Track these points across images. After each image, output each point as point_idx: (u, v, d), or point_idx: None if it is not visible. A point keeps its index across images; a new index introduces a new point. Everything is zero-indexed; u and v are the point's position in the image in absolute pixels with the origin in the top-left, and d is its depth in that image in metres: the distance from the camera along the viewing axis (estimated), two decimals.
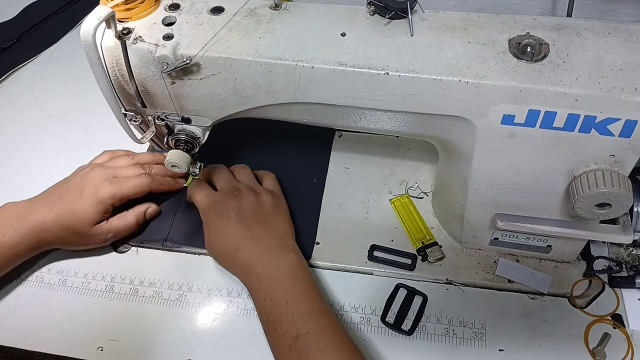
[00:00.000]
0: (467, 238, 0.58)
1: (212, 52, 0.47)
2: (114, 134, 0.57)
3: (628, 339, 0.53)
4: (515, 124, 0.44)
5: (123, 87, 0.50)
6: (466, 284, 0.58)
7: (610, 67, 0.42)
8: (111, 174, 0.58)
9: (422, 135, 0.52)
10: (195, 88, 0.50)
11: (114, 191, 0.57)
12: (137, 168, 0.61)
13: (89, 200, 0.56)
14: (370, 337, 0.54)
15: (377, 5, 0.47)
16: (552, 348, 0.53)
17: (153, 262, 0.60)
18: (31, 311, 0.57)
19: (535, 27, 0.46)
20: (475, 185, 0.51)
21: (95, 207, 0.56)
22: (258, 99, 0.50)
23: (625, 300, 0.56)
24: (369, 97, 0.47)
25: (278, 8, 0.50)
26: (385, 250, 0.60)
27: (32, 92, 0.80)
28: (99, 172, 0.58)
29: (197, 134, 0.55)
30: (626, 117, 0.42)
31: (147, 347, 0.54)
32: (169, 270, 0.59)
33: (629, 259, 0.58)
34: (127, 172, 0.60)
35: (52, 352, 0.54)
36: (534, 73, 0.43)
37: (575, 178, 0.46)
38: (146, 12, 0.49)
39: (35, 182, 0.65)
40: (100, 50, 0.47)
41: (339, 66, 0.45)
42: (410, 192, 0.65)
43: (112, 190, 0.57)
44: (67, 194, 0.56)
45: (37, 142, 0.73)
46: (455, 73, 0.44)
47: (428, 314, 0.56)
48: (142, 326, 0.55)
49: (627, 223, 0.52)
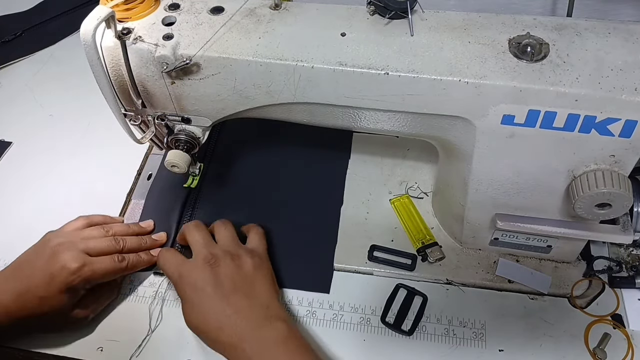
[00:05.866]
0: (467, 238, 0.58)
1: (212, 52, 0.47)
2: (114, 134, 0.57)
3: (628, 339, 0.53)
4: (515, 124, 0.44)
5: (123, 87, 0.50)
6: (466, 284, 0.58)
7: (610, 67, 0.42)
8: (82, 250, 0.52)
9: (422, 135, 0.52)
10: (195, 88, 0.50)
11: (86, 276, 0.51)
12: (110, 241, 0.55)
13: (58, 286, 0.50)
14: (370, 337, 0.54)
15: (377, 5, 0.47)
16: (552, 348, 0.53)
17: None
18: None
19: (535, 27, 0.46)
20: (475, 185, 0.51)
21: (65, 293, 0.51)
22: (258, 99, 0.50)
23: (625, 300, 0.56)
24: (369, 97, 0.47)
25: (278, 8, 0.50)
26: (385, 250, 0.60)
27: (32, 92, 0.80)
28: (70, 251, 0.52)
29: (197, 134, 0.55)
30: (626, 117, 0.42)
31: (147, 347, 0.54)
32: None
33: (629, 259, 0.58)
34: (99, 247, 0.54)
35: (52, 352, 0.54)
36: (534, 73, 0.43)
37: (576, 178, 0.46)
38: (146, 12, 0.49)
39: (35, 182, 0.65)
40: (100, 50, 0.47)
41: (339, 66, 0.45)
42: (410, 192, 0.65)
43: (84, 274, 0.51)
44: (33, 280, 0.51)
45: (37, 142, 0.73)
46: (455, 73, 0.44)
47: (428, 314, 0.56)
48: (142, 326, 0.55)
49: (627, 223, 0.52)
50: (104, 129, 0.71)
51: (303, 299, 0.57)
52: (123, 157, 0.69)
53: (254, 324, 0.49)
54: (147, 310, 0.56)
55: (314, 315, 0.56)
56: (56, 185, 0.67)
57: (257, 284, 0.52)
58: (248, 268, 0.53)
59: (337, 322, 0.55)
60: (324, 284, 0.58)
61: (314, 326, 0.55)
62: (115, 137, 0.58)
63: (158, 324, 0.56)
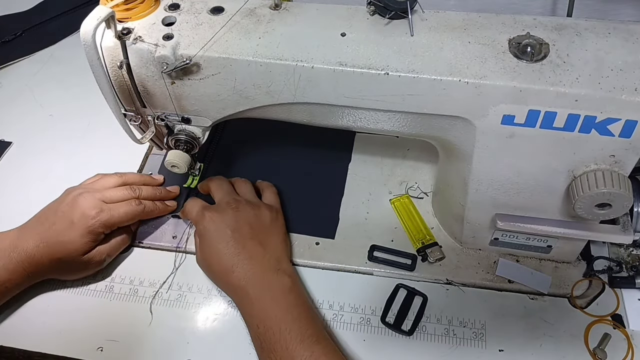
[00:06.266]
0: (467, 238, 0.58)
1: (212, 52, 0.47)
2: (114, 134, 0.57)
3: (628, 339, 0.53)
4: (516, 124, 0.44)
5: (123, 87, 0.50)
6: (466, 284, 0.58)
7: (610, 67, 0.42)
8: (100, 199, 0.56)
9: (422, 135, 0.52)
10: (195, 88, 0.50)
11: (104, 219, 0.55)
12: (126, 190, 0.59)
13: (79, 231, 0.54)
14: (370, 337, 0.54)
15: (377, 5, 0.47)
16: (552, 348, 0.53)
17: (153, 262, 0.60)
18: (31, 311, 0.57)
19: (535, 27, 0.46)
20: (475, 185, 0.51)
21: (86, 237, 0.54)
22: (258, 99, 0.50)
23: (625, 300, 0.56)
24: (369, 97, 0.47)
25: (278, 8, 0.50)
26: (385, 250, 0.60)
27: (32, 92, 0.80)
28: (88, 199, 0.55)
29: (197, 134, 0.55)
30: (626, 117, 0.42)
31: (147, 347, 0.54)
32: (169, 270, 0.59)
33: (629, 259, 0.58)
34: (116, 195, 0.57)
35: (52, 352, 0.54)
36: (534, 73, 0.43)
37: (576, 178, 0.46)
38: (146, 12, 0.49)
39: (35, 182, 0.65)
40: (100, 50, 0.47)
41: (339, 66, 0.45)
42: (410, 192, 0.65)
43: (102, 218, 0.55)
44: (55, 225, 0.54)
45: (37, 142, 0.73)
46: (455, 73, 0.44)
47: (428, 314, 0.56)
48: (142, 326, 0.55)
49: (627, 223, 0.52)
50: (104, 129, 0.71)
51: None
52: (123, 157, 0.69)
53: (263, 272, 0.52)
54: (147, 310, 0.56)
55: None
56: (56, 185, 0.67)
57: (272, 237, 0.56)
58: (265, 219, 0.57)
59: (337, 322, 0.55)
60: (329, 230, 0.62)
61: None
62: (115, 137, 0.58)
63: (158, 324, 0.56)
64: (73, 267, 0.56)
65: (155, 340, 0.54)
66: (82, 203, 0.55)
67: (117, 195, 0.58)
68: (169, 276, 0.58)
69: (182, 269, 0.59)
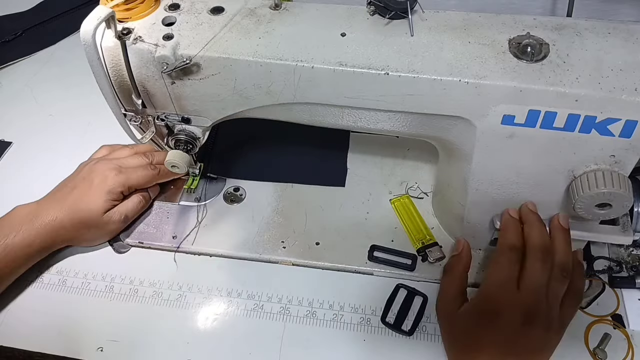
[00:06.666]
0: (467, 238, 0.58)
1: (212, 52, 0.47)
2: (114, 134, 0.57)
3: (628, 339, 0.53)
4: (516, 124, 0.44)
5: (123, 87, 0.50)
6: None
7: (610, 67, 0.42)
8: (117, 164, 0.58)
9: (422, 135, 0.52)
10: (195, 88, 0.50)
11: (123, 180, 0.57)
12: (140, 157, 0.61)
13: (99, 191, 0.56)
14: (370, 337, 0.54)
15: (377, 5, 0.47)
16: None
17: (153, 262, 0.60)
18: (31, 311, 0.57)
19: (535, 27, 0.46)
20: (475, 185, 0.51)
21: (105, 196, 0.56)
22: (258, 99, 0.50)
23: (625, 300, 0.56)
24: (369, 97, 0.47)
25: (278, 8, 0.50)
26: (385, 250, 0.60)
27: (32, 92, 0.80)
28: (105, 163, 0.58)
29: (197, 134, 0.55)
30: (626, 117, 0.42)
31: (147, 347, 0.54)
32: (169, 270, 0.59)
33: (629, 259, 0.58)
34: (132, 162, 0.60)
35: (52, 352, 0.54)
36: (534, 73, 0.43)
37: (576, 178, 0.46)
38: (146, 12, 0.49)
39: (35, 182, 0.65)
40: (100, 50, 0.47)
41: (339, 66, 0.45)
42: (410, 192, 0.65)
43: (121, 179, 0.57)
44: (75, 190, 0.57)
45: (37, 142, 0.73)
46: (455, 73, 0.44)
47: (428, 315, 0.56)
48: (142, 326, 0.55)
49: (627, 223, 0.52)
50: (104, 129, 0.71)
51: (303, 299, 0.57)
52: None
53: None
54: (147, 310, 0.56)
55: (314, 315, 0.56)
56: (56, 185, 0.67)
57: None
58: (536, 344, 0.46)
59: (337, 322, 0.55)
60: (339, 179, 0.65)
61: (314, 326, 0.55)
62: (115, 137, 0.58)
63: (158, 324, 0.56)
64: (93, 229, 0.57)
65: (155, 340, 0.54)
66: (100, 167, 0.58)
67: (132, 162, 0.60)
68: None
69: (182, 269, 0.60)
